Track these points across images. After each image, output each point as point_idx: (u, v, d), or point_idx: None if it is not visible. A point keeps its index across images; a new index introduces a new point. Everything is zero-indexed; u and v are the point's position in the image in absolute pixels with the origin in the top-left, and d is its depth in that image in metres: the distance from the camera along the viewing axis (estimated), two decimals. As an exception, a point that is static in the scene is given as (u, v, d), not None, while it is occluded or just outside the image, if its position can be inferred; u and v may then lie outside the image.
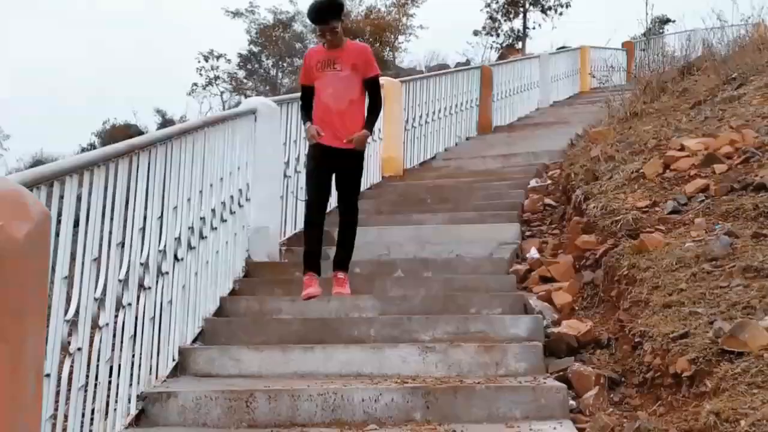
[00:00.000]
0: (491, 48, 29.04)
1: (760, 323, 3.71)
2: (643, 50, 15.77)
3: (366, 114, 5.64)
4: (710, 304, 4.11)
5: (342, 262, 5.53)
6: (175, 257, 4.58)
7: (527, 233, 7.00)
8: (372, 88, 5.65)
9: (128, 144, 4.08)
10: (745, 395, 3.37)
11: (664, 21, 26.99)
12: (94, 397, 3.60)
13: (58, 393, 3.23)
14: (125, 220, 3.93)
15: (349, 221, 5.62)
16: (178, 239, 4.62)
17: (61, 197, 3.27)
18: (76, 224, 3.43)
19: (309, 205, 5.60)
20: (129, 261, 3.94)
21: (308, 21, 6.07)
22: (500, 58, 22.36)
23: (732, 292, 4.14)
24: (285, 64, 31.35)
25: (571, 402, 4.10)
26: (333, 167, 5.52)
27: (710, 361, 3.69)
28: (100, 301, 3.59)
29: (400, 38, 29.29)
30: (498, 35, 29.97)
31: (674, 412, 3.71)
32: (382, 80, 9.98)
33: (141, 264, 4.09)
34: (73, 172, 3.34)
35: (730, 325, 3.75)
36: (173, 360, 4.60)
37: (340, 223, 5.67)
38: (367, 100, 5.68)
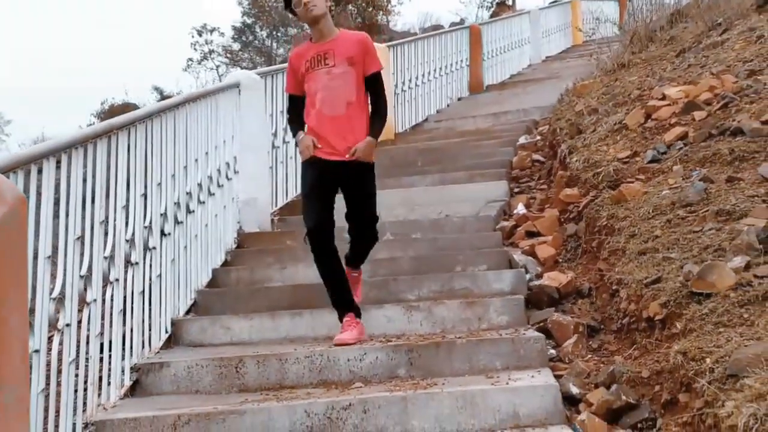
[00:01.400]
0: (481, 6, 28.90)
1: (727, 264, 3.81)
2: (629, 0, 15.67)
3: (369, 118, 4.55)
4: (683, 249, 4.20)
5: (356, 263, 4.70)
6: (162, 232, 4.68)
7: (516, 190, 7.10)
8: (374, 86, 4.56)
9: (107, 124, 4.19)
10: (711, 334, 3.47)
11: (658, -32, 26.70)
12: (86, 371, 3.74)
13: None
14: (107, 199, 4.03)
15: (370, 235, 4.63)
16: (164, 215, 4.72)
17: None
18: (57, 205, 3.54)
19: (311, 236, 4.43)
20: (114, 238, 4.04)
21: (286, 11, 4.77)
22: (492, 16, 22.26)
23: (704, 236, 4.22)
24: (279, 34, 31.17)
25: (552, 351, 4.23)
26: (334, 183, 4.49)
27: (680, 304, 3.79)
28: (86, 278, 3.71)
29: (393, 2, 29.09)
30: (488, -7, 29.84)
31: (648, 355, 3.83)
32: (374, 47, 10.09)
33: (126, 240, 4.20)
34: (50, 155, 3.44)
35: (699, 268, 3.86)
36: (166, 332, 4.74)
37: (359, 238, 4.64)
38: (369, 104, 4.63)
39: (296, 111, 4.63)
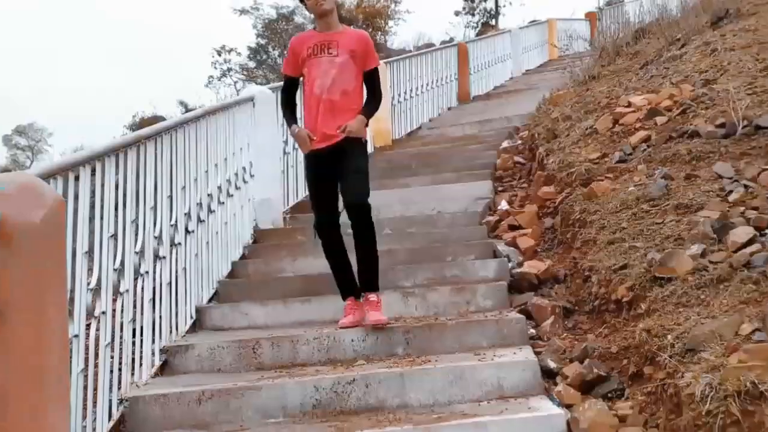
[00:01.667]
0: (468, 27, 28.99)
1: (686, 252, 3.81)
2: (599, 20, 15.67)
3: (364, 104, 4.42)
4: (647, 238, 4.21)
5: (369, 282, 4.34)
6: (187, 230, 4.68)
7: (499, 188, 7.08)
8: (371, 80, 4.45)
9: (136, 135, 4.19)
10: (672, 314, 3.49)
11: (624, -10, 26.75)
12: (120, 354, 3.75)
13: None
14: (137, 201, 4.04)
15: (365, 234, 4.28)
16: (188, 214, 4.71)
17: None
18: (93, 207, 3.55)
19: (319, 230, 4.40)
20: (143, 235, 4.05)
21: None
22: (478, 35, 22.27)
23: (666, 227, 4.23)
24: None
25: (531, 330, 4.22)
26: (333, 171, 4.30)
27: (644, 287, 3.81)
28: (120, 271, 3.72)
29: (390, 23, 29.15)
30: (474, 15, 29.92)
31: (616, 333, 3.84)
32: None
33: (155, 237, 4.20)
34: (85, 162, 3.44)
35: (661, 255, 3.87)
36: (191, 318, 4.74)
37: (355, 238, 4.30)
38: (364, 94, 4.50)
39: (290, 93, 4.52)
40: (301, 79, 4.46)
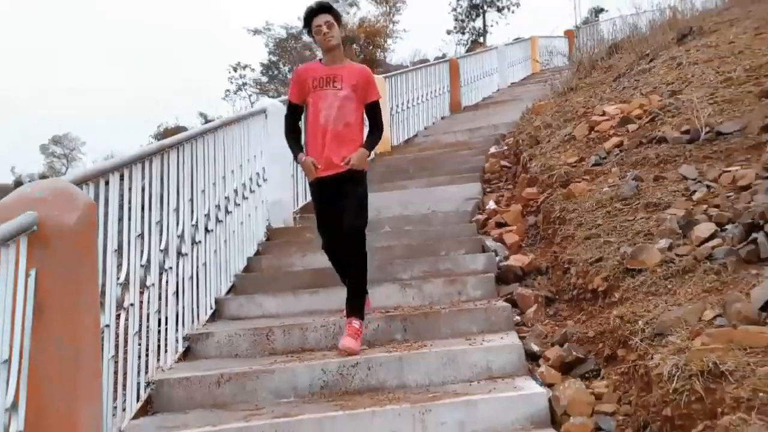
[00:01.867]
0: (459, 44, 29.00)
1: (655, 246, 3.82)
2: (576, 37, 15.65)
3: (366, 136, 4.31)
4: (620, 234, 4.21)
5: (353, 308, 4.02)
6: (206, 229, 4.68)
7: (488, 190, 7.08)
8: (373, 112, 4.30)
9: (160, 144, 4.18)
10: (642, 302, 3.50)
11: (599, 10, 26.80)
12: (147, 341, 3.76)
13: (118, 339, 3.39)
14: (161, 203, 4.04)
15: (357, 260, 4.06)
16: (207, 215, 4.71)
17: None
18: (122, 209, 3.55)
19: (326, 250, 4.31)
20: (167, 235, 4.05)
21: (305, 30, 4.34)
22: (468, 51, 22.23)
23: (637, 223, 4.24)
24: (298, 69, 31.23)
25: (517, 317, 4.23)
26: (337, 197, 4.12)
27: (618, 278, 3.82)
28: (146, 267, 3.71)
29: (389, 41, 29.10)
30: (464, 33, 29.95)
31: (593, 319, 3.85)
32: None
33: (177, 236, 4.20)
34: (114, 169, 3.44)
35: (632, 249, 3.87)
36: (211, 308, 4.73)
37: (347, 262, 4.15)
38: (365, 127, 4.35)
39: (294, 120, 4.31)
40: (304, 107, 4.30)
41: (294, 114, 4.32)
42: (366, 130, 4.36)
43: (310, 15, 4.16)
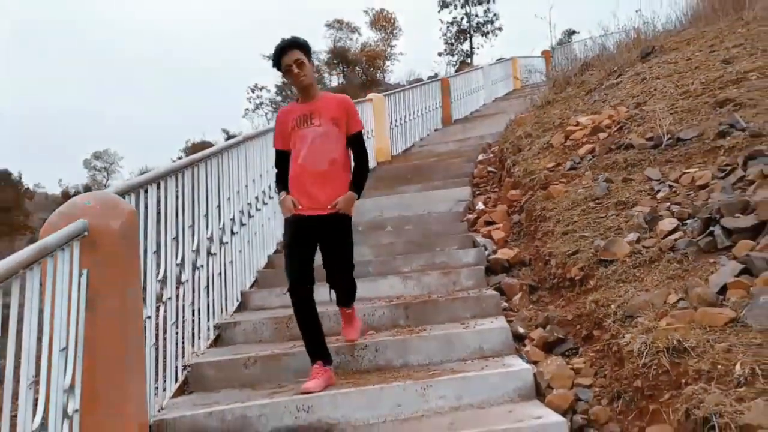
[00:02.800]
0: (449, 64, 29.05)
1: (624, 239, 3.84)
2: (552, 56, 15.65)
3: (352, 175, 3.58)
4: (593, 229, 4.22)
5: (346, 302, 3.75)
6: (232, 232, 4.70)
7: (477, 192, 7.10)
8: (356, 145, 3.61)
9: (190, 159, 4.19)
10: (614, 288, 3.51)
11: (571, 33, 26.83)
12: (183, 330, 3.78)
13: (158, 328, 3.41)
14: (193, 210, 4.06)
15: (347, 288, 3.71)
16: (233, 219, 4.73)
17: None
18: (159, 215, 3.57)
19: (292, 290, 3.45)
20: (198, 237, 4.07)
21: (277, 70, 3.59)
22: (457, 71, 22.27)
23: (608, 220, 4.25)
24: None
25: (504, 304, 4.23)
26: (314, 239, 3.48)
27: (592, 268, 3.83)
28: (181, 265, 3.74)
29: (387, 63, 29.18)
30: (453, 55, 30.01)
31: (571, 304, 3.86)
32: (373, 95, 10.11)
33: (207, 238, 4.22)
34: (152, 182, 3.46)
35: (604, 242, 3.89)
36: (237, 300, 4.76)
37: (336, 289, 3.71)
38: (351, 162, 3.62)
39: (283, 167, 3.58)
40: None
41: (282, 161, 3.60)
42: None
43: (279, 53, 3.48)
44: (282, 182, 3.59)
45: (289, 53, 3.45)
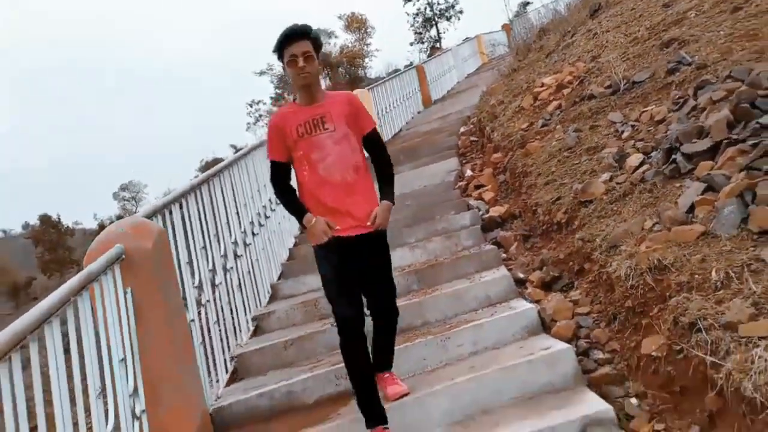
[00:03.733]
0: (421, 51, 28.81)
1: (599, 180, 3.83)
2: (512, 29, 15.47)
3: (378, 180, 2.86)
4: (570, 176, 4.22)
5: (386, 364, 2.94)
6: (253, 233, 4.72)
7: (464, 161, 7.05)
8: (375, 145, 2.83)
9: (205, 175, 4.20)
10: (596, 225, 3.52)
11: (526, 4, 26.50)
12: (225, 326, 3.83)
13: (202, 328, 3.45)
14: (215, 219, 4.08)
15: (390, 326, 2.86)
16: (252, 222, 4.76)
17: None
18: (186, 229, 3.59)
19: (345, 327, 2.61)
20: (224, 242, 4.09)
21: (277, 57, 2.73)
22: (429, 56, 22.07)
23: (582, 165, 4.23)
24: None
25: (503, 255, 4.25)
26: (361, 261, 2.69)
27: (575, 210, 3.83)
28: (213, 270, 3.77)
29: (366, 60, 28.95)
30: (423, 42, 29.76)
31: (561, 246, 3.87)
32: (357, 91, 10.05)
33: (232, 243, 4.24)
34: (174, 201, 3.48)
35: (582, 185, 3.89)
36: (268, 292, 4.79)
37: (377, 328, 2.84)
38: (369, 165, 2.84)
39: (284, 182, 2.81)
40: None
41: (280, 174, 2.81)
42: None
43: (284, 41, 2.65)
44: (295, 203, 2.76)
45: (297, 42, 2.64)
